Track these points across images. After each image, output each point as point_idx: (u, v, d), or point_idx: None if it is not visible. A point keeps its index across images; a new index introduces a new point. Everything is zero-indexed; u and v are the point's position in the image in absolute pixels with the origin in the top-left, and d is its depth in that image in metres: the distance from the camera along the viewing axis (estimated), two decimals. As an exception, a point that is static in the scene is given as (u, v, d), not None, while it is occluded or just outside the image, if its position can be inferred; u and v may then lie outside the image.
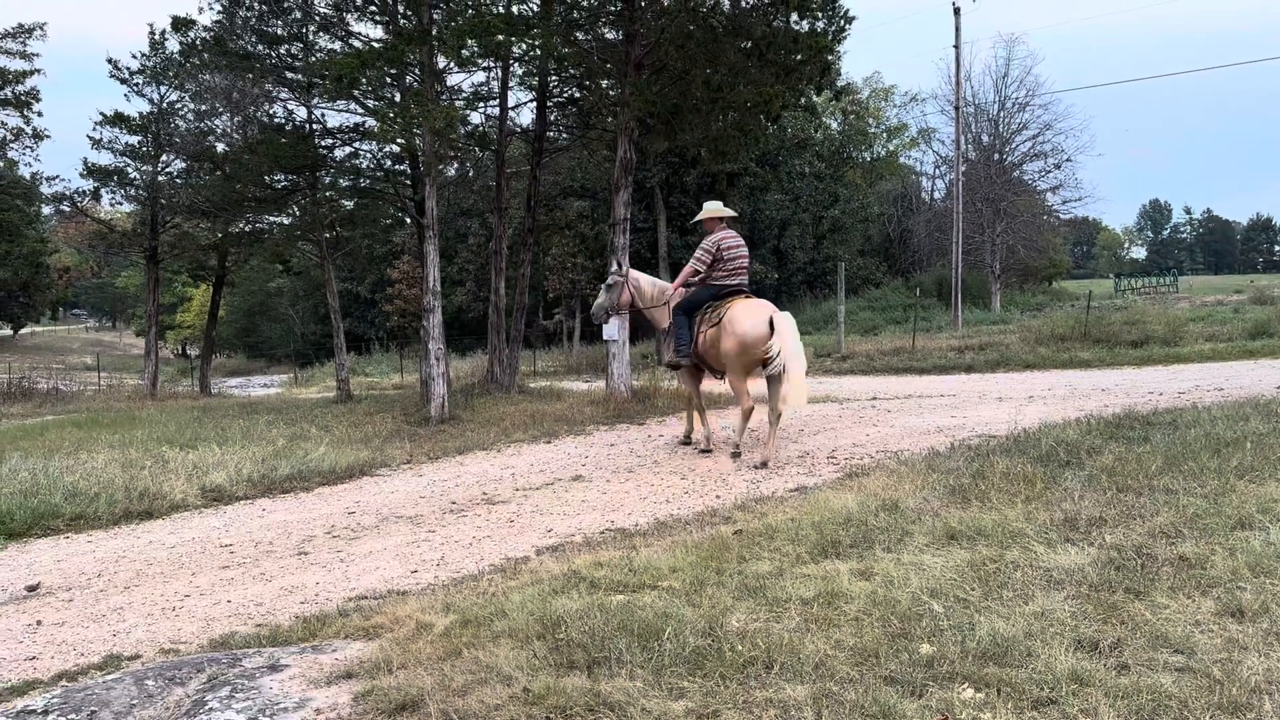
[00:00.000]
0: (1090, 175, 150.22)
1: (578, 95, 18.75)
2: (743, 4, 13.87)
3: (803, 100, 15.71)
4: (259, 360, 54.32)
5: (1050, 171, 37.28)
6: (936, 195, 46.51)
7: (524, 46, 14.74)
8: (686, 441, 9.85)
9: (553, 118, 18.88)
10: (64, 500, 7.60)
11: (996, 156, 35.95)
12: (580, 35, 15.46)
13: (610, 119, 16.66)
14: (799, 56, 14.11)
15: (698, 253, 9.25)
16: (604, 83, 16.46)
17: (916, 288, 31.03)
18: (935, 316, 30.15)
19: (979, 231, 34.50)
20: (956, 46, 28.63)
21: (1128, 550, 3.99)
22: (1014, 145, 36.47)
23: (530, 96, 18.44)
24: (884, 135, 50.43)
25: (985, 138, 36.79)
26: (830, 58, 14.90)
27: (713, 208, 9.53)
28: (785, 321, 8.59)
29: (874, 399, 13.26)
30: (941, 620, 3.48)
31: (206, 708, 3.27)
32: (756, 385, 9.10)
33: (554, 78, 17.76)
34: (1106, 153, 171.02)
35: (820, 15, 13.91)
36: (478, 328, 43.11)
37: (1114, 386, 12.27)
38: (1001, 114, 35.93)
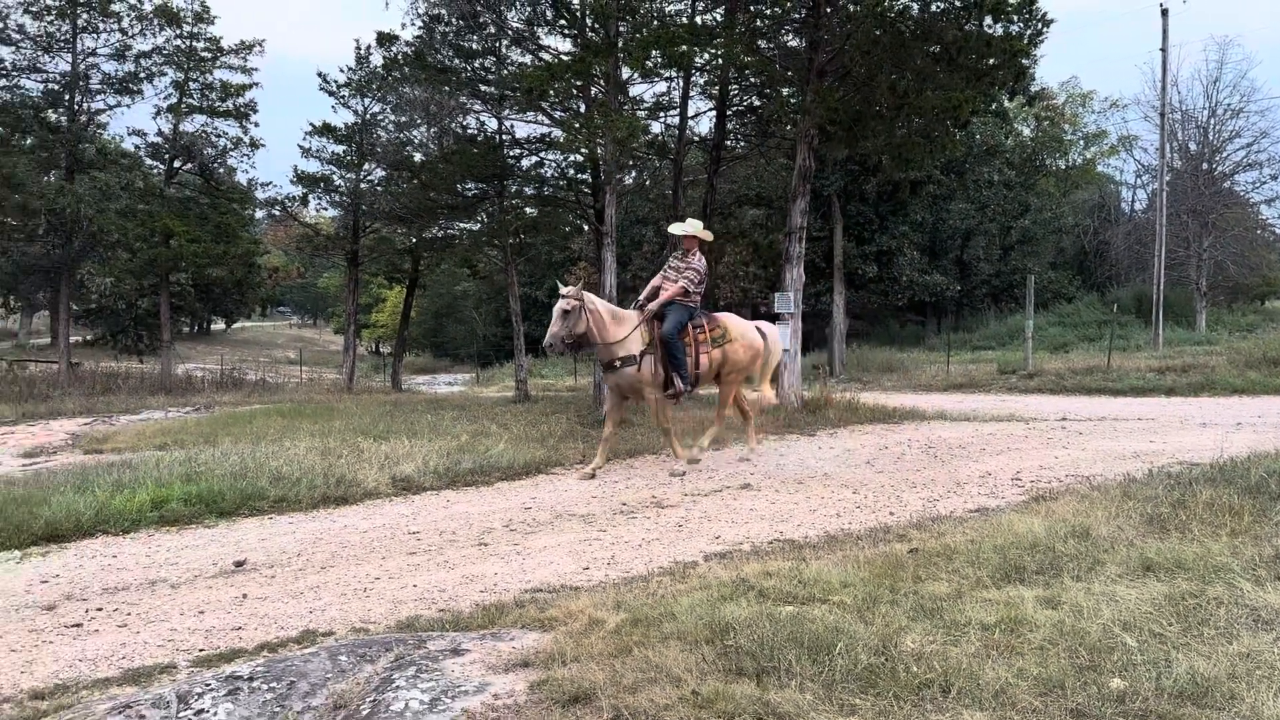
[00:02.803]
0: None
1: (757, 103, 18.73)
2: (933, 8, 13.49)
3: (993, 106, 15.14)
4: (444, 359, 56.88)
5: (1266, 183, 34.41)
6: (1137, 206, 43.78)
7: (707, 56, 14.86)
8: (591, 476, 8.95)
9: (731, 126, 18.93)
10: (269, 484, 8.17)
11: (1205, 166, 33.43)
12: (762, 43, 15.45)
13: (789, 126, 16.55)
14: (992, 61, 13.61)
15: (688, 272, 9.04)
16: (784, 90, 16.38)
17: (1113, 304, 29.25)
18: (1133, 335, 28.36)
19: (1184, 246, 32.19)
20: (1163, 49, 26.86)
21: (1353, 595, 3.65)
22: (1225, 154, 33.83)
23: (709, 105, 18.56)
24: (1080, 142, 47.76)
25: (1193, 146, 34.28)
26: (1025, 62, 14.30)
27: (697, 226, 9.42)
28: (773, 330, 9.70)
29: (1063, 420, 12.61)
30: (1135, 655, 3.29)
31: (394, 685, 3.47)
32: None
33: (734, 86, 17.80)
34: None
35: (1016, 18, 13.35)
36: (650, 334, 43.71)
37: (1339, 417, 11.19)
38: (1212, 121, 33.39)
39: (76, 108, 24.99)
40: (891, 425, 12.93)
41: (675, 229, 9.44)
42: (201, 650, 4.43)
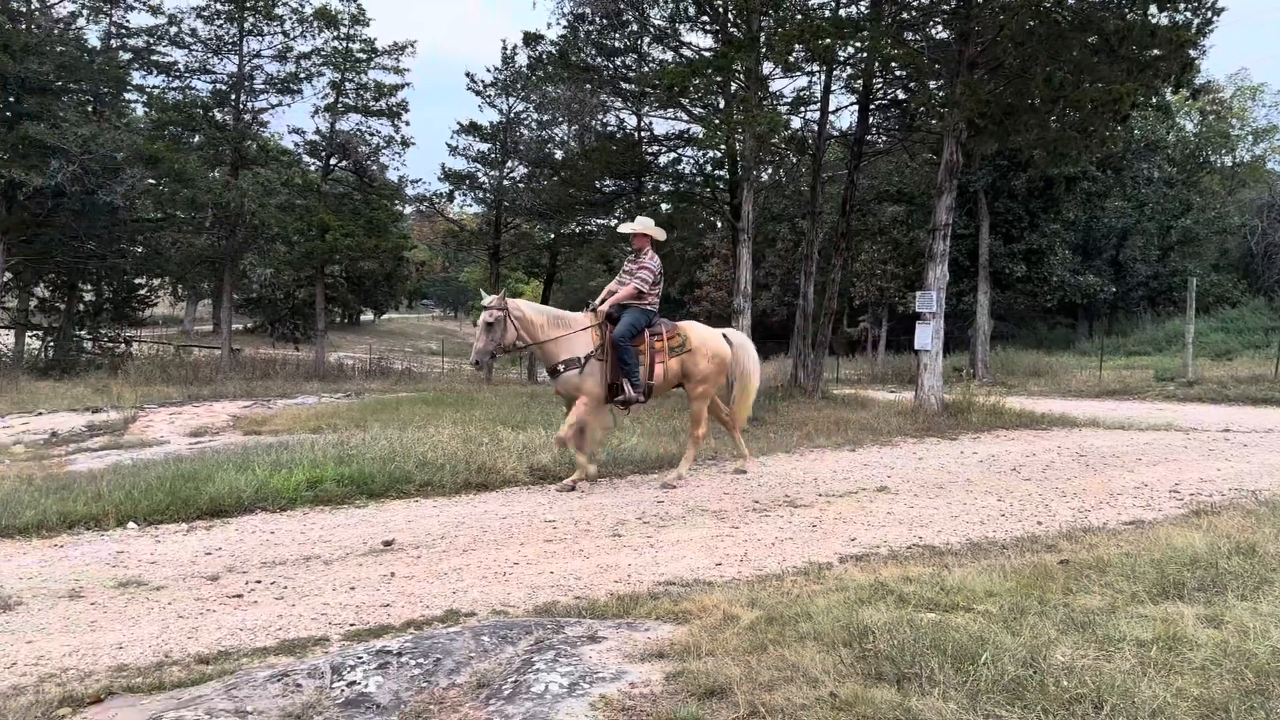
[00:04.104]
0: None
1: (901, 97, 18.29)
2: (1092, -3, 12.88)
3: (1155, 99, 14.32)
4: (577, 353, 57.67)
5: None
6: (1311, 206, 40.61)
7: (851, 49, 14.59)
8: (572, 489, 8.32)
9: (873, 120, 18.55)
10: (415, 468, 8.48)
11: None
12: (909, 36, 15.06)
13: (936, 120, 16.10)
14: (1155, 52, 12.88)
15: (641, 273, 8.52)
16: (931, 84, 15.93)
17: (1283, 309, 27.32)
18: (1306, 343, 26.39)
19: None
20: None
21: None
22: None
23: (851, 100, 18.24)
24: (1249, 138, 44.75)
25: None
26: (1192, 53, 13.46)
27: (648, 225, 8.83)
28: (742, 338, 9.11)
29: (1226, 430, 11.86)
30: (1310, 682, 3.07)
31: (534, 668, 3.55)
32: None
33: (878, 80, 17.44)
34: None
35: (1184, 6, 12.60)
36: (781, 331, 43.17)
37: None
38: (1403, 113, 30.68)
39: (241, 107, 26.48)
40: (1039, 431, 12.44)
41: (624, 228, 8.99)
42: (352, 625, 4.63)
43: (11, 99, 20.62)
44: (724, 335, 9.01)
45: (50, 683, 3.88)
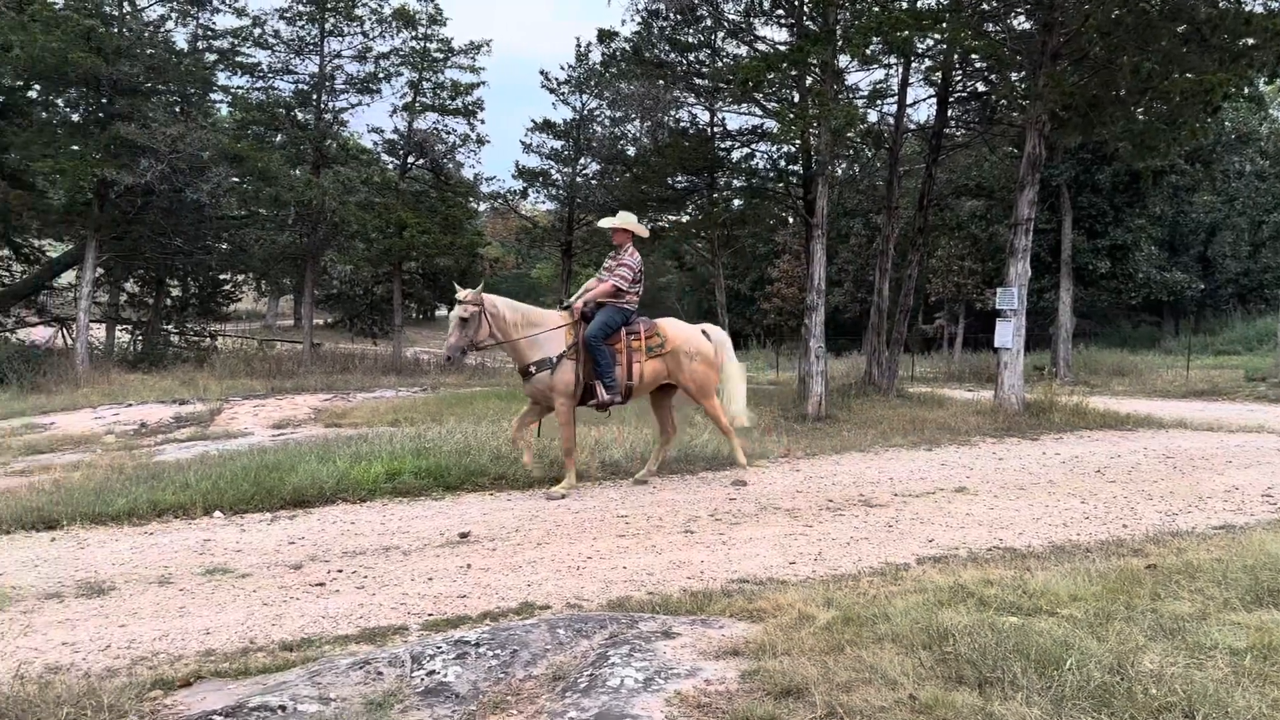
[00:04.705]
0: None
1: (981, 89, 17.90)
2: (1184, -18, 12.42)
3: (1246, 90, 13.77)
4: (648, 349, 57.86)
5: None
6: None
7: (930, 41, 14.32)
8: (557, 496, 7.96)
9: (952, 113, 18.20)
10: (490, 461, 8.59)
11: None
12: (990, 26, 14.73)
13: (1017, 113, 15.73)
14: (1249, 40, 12.37)
15: (620, 270, 8.20)
16: (1013, 75, 15.57)
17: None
18: None
19: None
20: None
21: None
22: None
23: (929, 92, 17.90)
24: (1351, 130, 42.74)
25: None
26: (1290, 41, 12.90)
27: (629, 219, 8.51)
28: (722, 334, 8.72)
29: (1324, 434, 11.38)
30: None
31: (609, 662, 3.56)
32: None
33: (957, 72, 17.09)
34: None
35: (1282, -8, 12.10)
36: (853, 328, 42.67)
37: None
38: None
39: (322, 107, 27.05)
40: (1124, 432, 12.08)
41: (604, 223, 8.73)
42: (430, 615, 4.71)
43: (104, 100, 21.36)
44: (703, 331, 8.73)
45: (142, 665, 4.02)
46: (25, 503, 7.17)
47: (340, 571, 5.55)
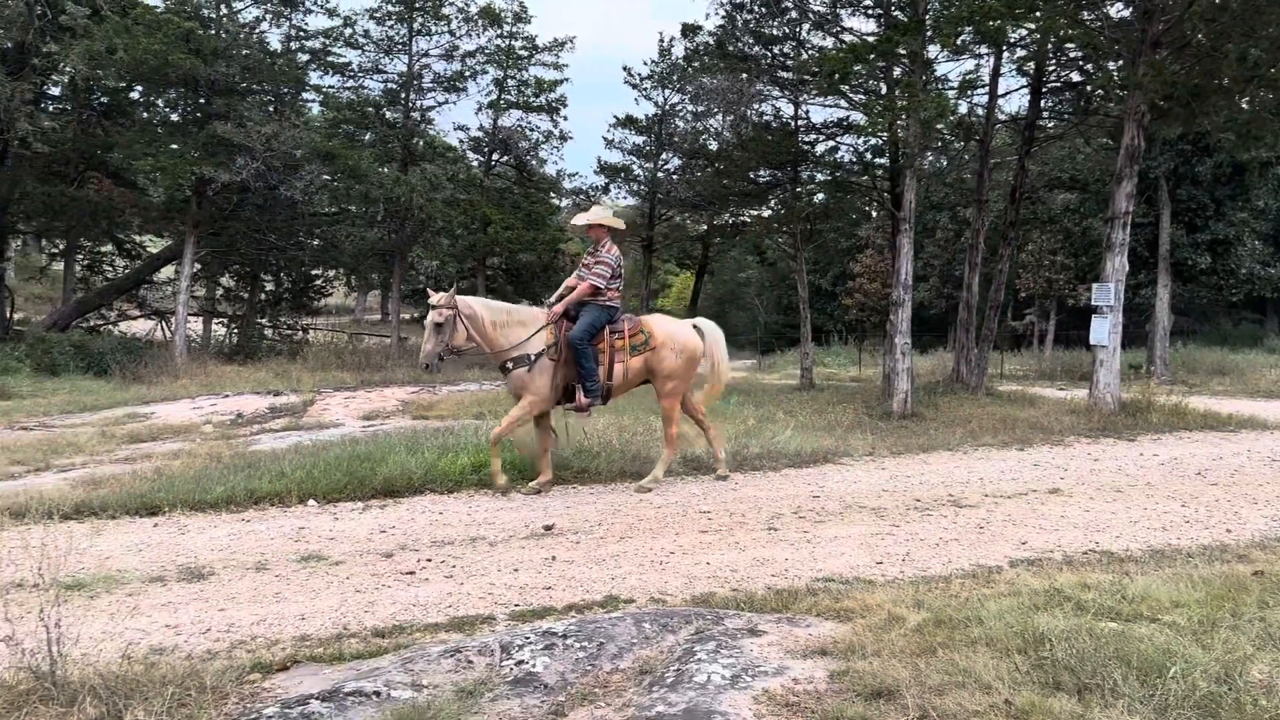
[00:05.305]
0: None
1: (1076, 79, 17.37)
2: (1295, -35, 11.85)
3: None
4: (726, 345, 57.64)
5: None
6: None
7: (1023, 30, 13.93)
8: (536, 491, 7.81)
9: (1045, 104, 17.70)
10: (572, 455, 8.64)
11: None
12: (1086, 15, 14.26)
13: (1114, 104, 15.21)
14: (1367, 24, 11.76)
15: (597, 267, 7.85)
16: (1110, 64, 15.05)
17: None
18: None
19: None
20: None
21: None
22: None
23: (1022, 83, 17.45)
24: None
25: None
26: None
27: (604, 214, 8.16)
28: (714, 327, 8.44)
29: None
30: None
31: (695, 658, 3.56)
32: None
33: (1051, 62, 16.61)
34: None
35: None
36: (938, 324, 41.79)
37: None
38: None
39: (410, 105, 27.60)
40: (1225, 433, 11.61)
41: (579, 219, 8.38)
42: (516, 605, 4.77)
43: (202, 100, 22.16)
44: (695, 325, 8.41)
45: (241, 649, 4.15)
46: (130, 489, 7.46)
47: (429, 561, 5.65)
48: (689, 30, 19.72)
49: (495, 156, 29.01)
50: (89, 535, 6.12)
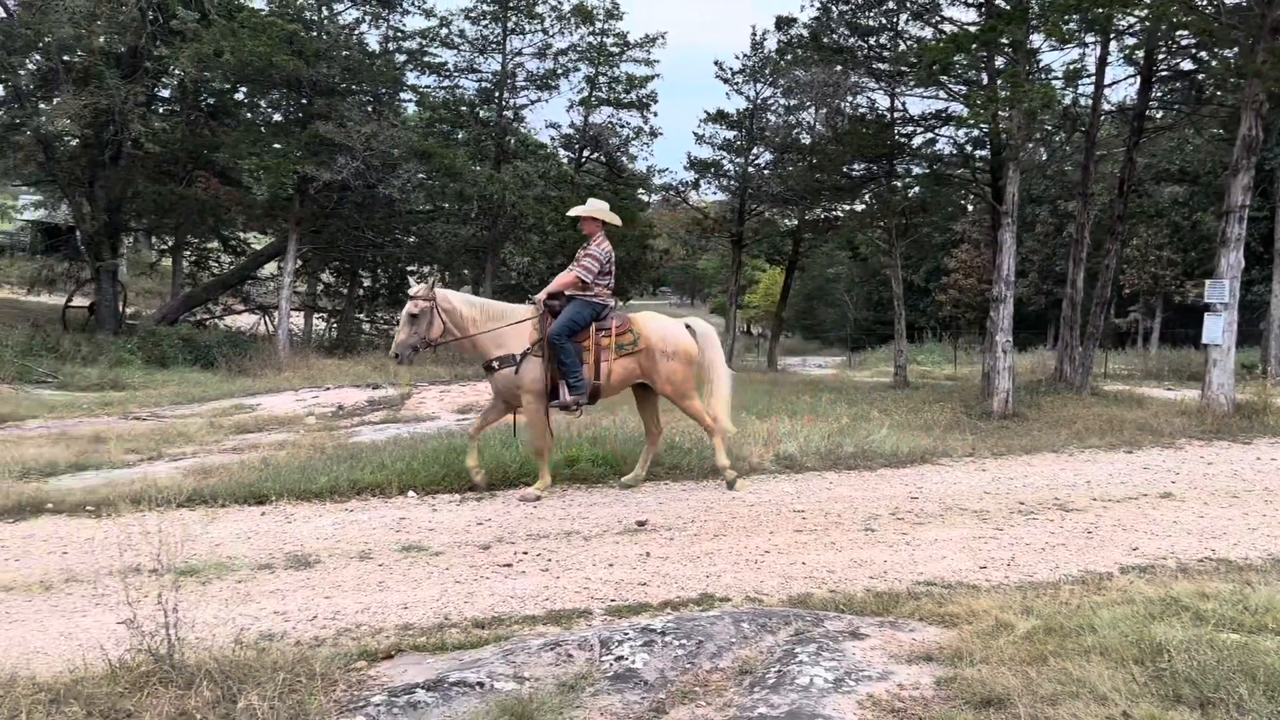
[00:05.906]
0: None
1: (1188, 68, 16.65)
2: None
3: None
4: (813, 342, 56.96)
5: None
6: None
7: (1132, 18, 13.40)
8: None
9: (1155, 94, 17.01)
10: (663, 451, 8.64)
11: None
12: (1199, 0, 13.66)
13: (1230, 93, 14.52)
14: None
15: (585, 260, 7.57)
16: (1225, 52, 14.38)
17: None
18: None
19: None
20: None
21: None
22: None
23: (1130, 72, 16.78)
24: None
25: None
26: None
27: (599, 207, 7.84)
28: (708, 329, 7.98)
29: None
30: None
31: (796, 659, 3.51)
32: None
33: (1161, 50, 15.94)
34: None
35: None
36: (1037, 322, 40.57)
37: None
38: None
39: (503, 103, 27.96)
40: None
41: (573, 211, 8.15)
42: (612, 600, 4.79)
43: (304, 101, 22.82)
44: (687, 325, 8.04)
45: (346, 636, 4.26)
46: (238, 479, 7.72)
47: (525, 554, 5.72)
48: (783, 23, 19.55)
49: (586, 153, 29.20)
50: (201, 523, 6.35)
